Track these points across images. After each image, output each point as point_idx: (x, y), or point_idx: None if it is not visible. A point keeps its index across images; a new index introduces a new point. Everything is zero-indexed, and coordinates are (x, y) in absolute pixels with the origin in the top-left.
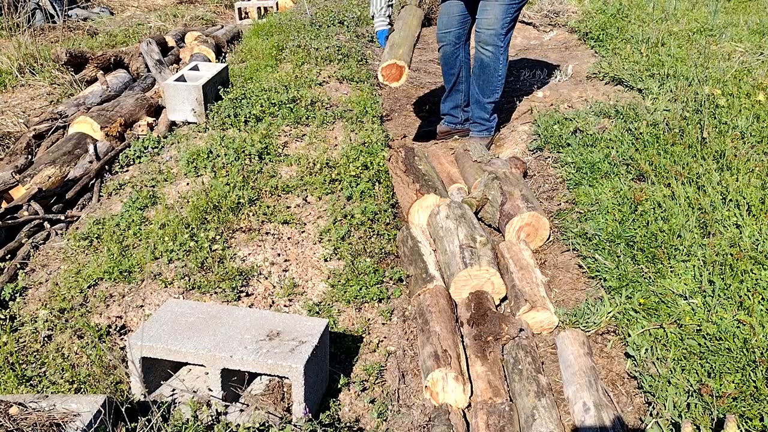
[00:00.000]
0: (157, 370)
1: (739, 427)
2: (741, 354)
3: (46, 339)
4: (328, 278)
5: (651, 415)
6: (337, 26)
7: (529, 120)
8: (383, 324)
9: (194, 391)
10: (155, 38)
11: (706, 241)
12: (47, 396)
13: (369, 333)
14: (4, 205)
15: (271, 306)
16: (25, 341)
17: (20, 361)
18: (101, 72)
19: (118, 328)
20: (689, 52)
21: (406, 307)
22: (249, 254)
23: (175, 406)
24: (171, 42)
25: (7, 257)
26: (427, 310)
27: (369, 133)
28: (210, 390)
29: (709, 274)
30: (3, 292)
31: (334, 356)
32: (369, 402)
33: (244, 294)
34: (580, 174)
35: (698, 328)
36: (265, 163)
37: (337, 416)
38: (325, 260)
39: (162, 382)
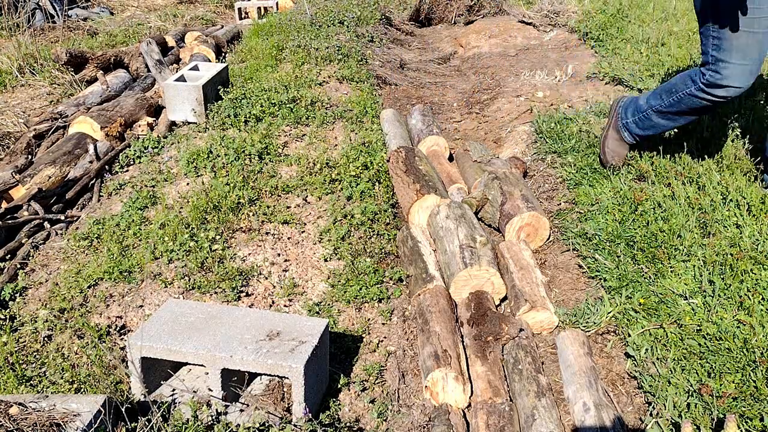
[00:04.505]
0: (157, 370)
1: (739, 427)
2: (741, 354)
3: (46, 339)
4: (328, 278)
5: (651, 415)
6: (337, 26)
7: (529, 120)
8: (383, 324)
9: (194, 391)
10: (155, 38)
11: (706, 241)
12: (47, 396)
13: (369, 333)
14: (4, 205)
15: (271, 306)
16: (25, 341)
17: (20, 361)
18: (101, 72)
19: (118, 328)
20: (689, 52)
21: (406, 307)
22: (249, 254)
23: (175, 406)
24: (171, 42)
25: (7, 257)
26: (427, 310)
27: (369, 133)
28: (210, 390)
29: (709, 274)
30: (3, 292)
31: (334, 356)
32: (369, 402)
33: (244, 294)
34: (580, 174)
35: (698, 328)
36: (265, 163)
37: (337, 416)
38: (325, 260)
39: (162, 382)
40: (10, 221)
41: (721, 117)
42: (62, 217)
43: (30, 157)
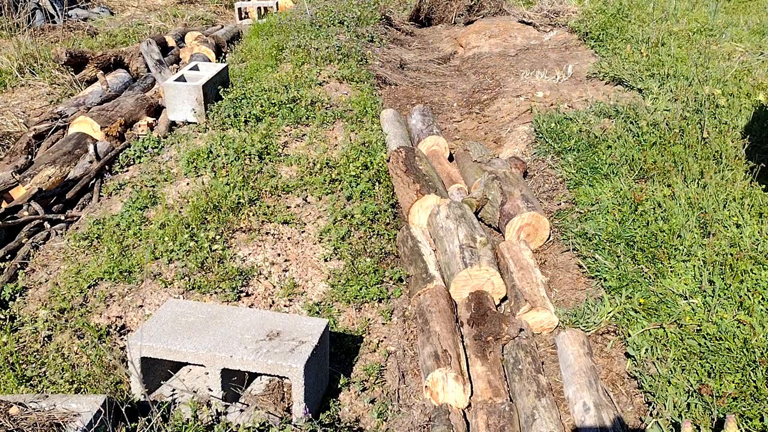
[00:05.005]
0: (157, 370)
1: (739, 427)
2: (741, 354)
3: (46, 339)
4: (328, 278)
5: (651, 415)
6: (337, 26)
7: (529, 120)
8: (383, 324)
9: (194, 391)
10: (155, 38)
11: (706, 241)
12: (47, 396)
13: (369, 333)
14: (5, 205)
15: (271, 306)
16: (25, 341)
17: (20, 361)
18: (101, 72)
19: (118, 328)
20: (689, 52)
21: (406, 307)
22: (249, 254)
23: (175, 406)
24: (171, 42)
25: (7, 257)
26: (427, 310)
27: (369, 133)
28: (210, 390)
29: (709, 274)
30: (3, 292)
31: (334, 356)
32: (369, 402)
33: (244, 294)
34: (581, 174)
35: (698, 328)
36: (265, 163)
37: (337, 416)
38: (325, 260)
39: (162, 382)
40: (10, 221)
41: (721, 117)
42: (62, 217)
43: (30, 157)
